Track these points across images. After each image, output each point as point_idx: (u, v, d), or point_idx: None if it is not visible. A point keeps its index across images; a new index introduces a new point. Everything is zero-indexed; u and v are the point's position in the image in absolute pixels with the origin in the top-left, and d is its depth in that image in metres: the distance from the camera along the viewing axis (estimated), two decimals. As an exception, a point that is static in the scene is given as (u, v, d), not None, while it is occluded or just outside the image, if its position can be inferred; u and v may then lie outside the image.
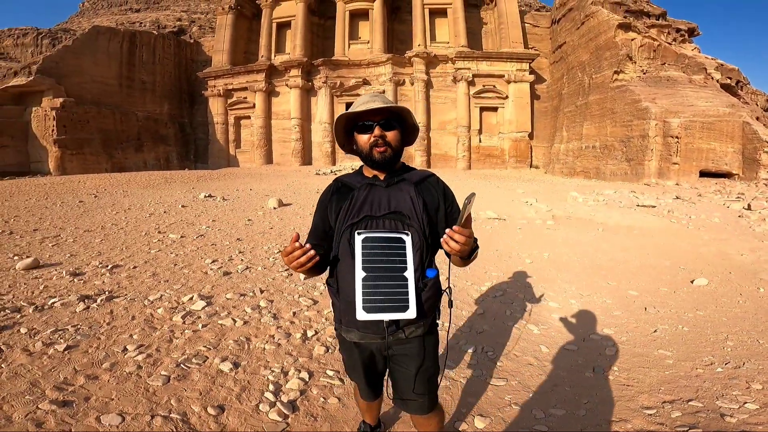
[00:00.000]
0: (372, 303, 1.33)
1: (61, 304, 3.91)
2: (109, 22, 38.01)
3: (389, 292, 1.34)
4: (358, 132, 1.54)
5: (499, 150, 28.71)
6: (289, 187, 16.65)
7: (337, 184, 1.61)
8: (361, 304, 1.32)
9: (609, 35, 22.96)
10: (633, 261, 6.30)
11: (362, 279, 1.33)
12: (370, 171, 1.57)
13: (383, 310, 1.33)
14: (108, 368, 2.74)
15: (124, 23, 38.14)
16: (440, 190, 1.58)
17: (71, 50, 26.58)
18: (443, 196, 1.57)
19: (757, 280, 5.34)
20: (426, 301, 1.43)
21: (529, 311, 4.29)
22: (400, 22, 32.76)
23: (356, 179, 1.57)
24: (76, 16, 47.39)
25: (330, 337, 3.46)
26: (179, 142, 33.02)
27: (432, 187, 1.56)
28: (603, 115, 22.82)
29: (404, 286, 1.35)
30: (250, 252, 6.35)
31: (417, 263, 1.40)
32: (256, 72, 30.56)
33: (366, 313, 1.32)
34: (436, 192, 1.56)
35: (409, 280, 1.35)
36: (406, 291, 1.34)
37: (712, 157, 19.05)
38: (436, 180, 1.60)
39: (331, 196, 1.58)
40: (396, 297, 1.34)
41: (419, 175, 1.58)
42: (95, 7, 47.55)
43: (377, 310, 1.33)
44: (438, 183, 1.60)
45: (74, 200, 12.47)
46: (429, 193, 1.53)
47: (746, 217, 10.26)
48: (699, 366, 3.10)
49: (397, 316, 1.34)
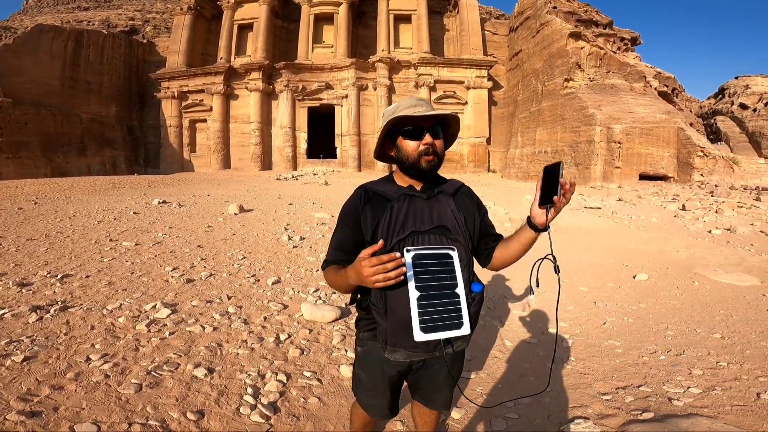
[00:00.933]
0: (428, 323, 1.28)
1: (11, 315, 3.66)
2: (54, 21, 35.79)
3: (443, 311, 1.31)
4: (405, 137, 1.45)
5: (458, 155, 29.48)
6: (250, 192, 16.26)
7: (367, 193, 1.50)
8: (418, 325, 1.27)
9: (561, 44, 24.25)
10: (582, 259, 6.76)
11: (417, 299, 1.28)
12: (405, 179, 1.50)
13: (440, 329, 1.30)
14: (73, 378, 2.63)
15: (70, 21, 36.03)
16: (474, 201, 1.57)
17: (11, 49, 25.06)
18: (477, 207, 1.57)
19: (692, 275, 5.91)
20: (474, 315, 1.41)
21: (492, 308, 4.52)
22: (364, 27, 32.99)
23: (391, 188, 1.48)
24: (18, 14, 44.20)
25: (303, 339, 3.49)
26: (128, 146, 31.27)
27: (467, 198, 1.55)
28: (554, 121, 24.07)
29: (457, 303, 1.33)
30: (212, 259, 6.19)
31: (466, 279, 1.38)
32: (215, 74, 29.64)
33: (424, 333, 1.28)
34: (471, 203, 1.55)
35: (461, 296, 1.33)
36: (460, 308, 1.33)
37: (650, 161, 20.65)
38: (468, 191, 1.59)
39: (363, 205, 1.46)
40: (451, 314, 1.31)
41: (453, 185, 1.54)
42: (40, 4, 44.48)
43: (434, 330, 1.29)
44: (471, 193, 1.59)
45: (12, 207, 11.51)
46: (465, 205, 1.52)
47: (681, 217, 11.27)
48: (645, 354, 3.42)
49: (454, 333, 1.32)
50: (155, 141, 31.82)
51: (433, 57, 29.18)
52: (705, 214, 11.54)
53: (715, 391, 2.74)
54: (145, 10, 40.77)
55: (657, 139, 20.56)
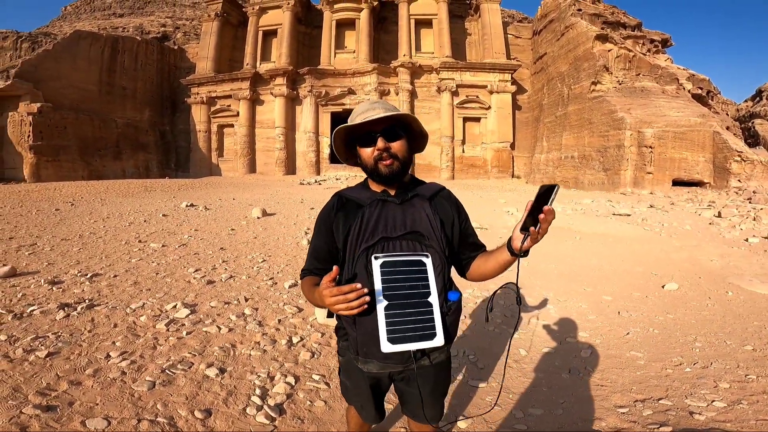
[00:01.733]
0: (397, 333, 1.22)
1: (40, 312, 3.85)
2: (91, 27, 37.33)
3: (414, 320, 1.23)
4: (360, 145, 1.41)
5: (482, 160, 29.12)
6: (273, 196, 16.57)
7: (341, 199, 1.46)
8: (385, 336, 1.21)
9: (587, 46, 23.65)
10: (608, 267, 6.53)
11: (384, 308, 1.22)
12: (378, 185, 1.45)
13: (410, 339, 1.22)
14: (91, 374, 2.73)
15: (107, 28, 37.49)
16: (453, 205, 1.49)
17: (51, 55, 25.95)
18: (457, 211, 1.48)
19: (725, 285, 5.61)
20: (451, 325, 1.34)
21: (509, 316, 4.42)
22: (386, 32, 33.18)
23: (363, 194, 1.43)
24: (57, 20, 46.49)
25: (315, 343, 3.51)
26: (160, 150, 32.38)
27: (446, 202, 1.47)
28: (581, 126, 23.47)
29: (429, 312, 1.25)
30: (234, 261, 6.33)
31: (440, 287, 1.30)
32: (241, 80, 30.42)
33: (391, 344, 1.21)
34: (450, 208, 1.47)
35: (434, 305, 1.26)
36: (432, 318, 1.25)
37: (684, 167, 19.78)
38: (448, 194, 1.52)
39: (336, 212, 1.43)
40: (422, 325, 1.24)
41: (431, 189, 1.48)
42: (78, 11, 46.78)
43: (403, 341, 1.22)
44: (451, 197, 1.51)
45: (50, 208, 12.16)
46: (444, 209, 1.44)
47: (716, 225, 10.73)
48: (668, 366, 3.26)
49: (425, 345, 1.24)
50: (185, 145, 32.90)
51: (455, 61, 29.01)
52: (742, 221, 10.94)
53: (740, 404, 2.58)
54: (175, 17, 42.40)
55: (691, 144, 19.70)
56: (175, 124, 34.17)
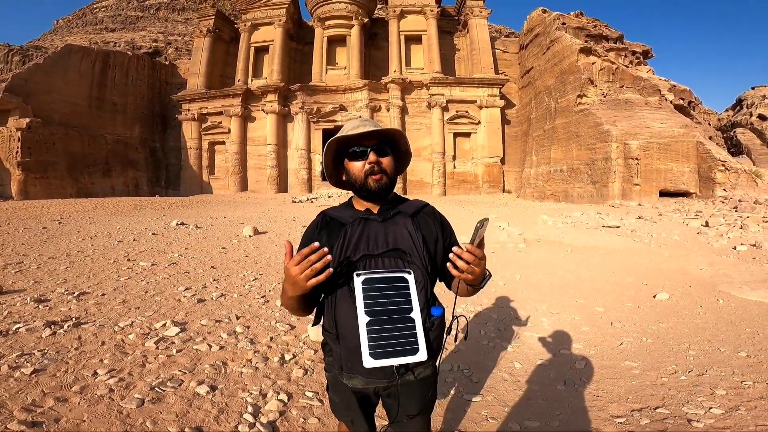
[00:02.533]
0: (379, 348, 1.23)
1: (26, 329, 3.79)
2: (82, 41, 37.31)
3: (397, 336, 1.25)
4: (350, 159, 1.43)
5: (472, 175, 29.33)
6: (265, 215, 16.49)
7: (324, 218, 1.47)
8: (367, 351, 1.22)
9: (572, 59, 24.18)
10: (599, 279, 6.58)
11: (366, 324, 1.23)
12: (362, 203, 1.46)
13: (392, 354, 1.23)
14: (78, 391, 2.68)
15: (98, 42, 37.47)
16: (437, 221, 1.49)
17: (42, 68, 25.78)
18: (441, 227, 1.48)
19: (716, 293, 5.67)
20: (434, 340, 1.36)
21: (503, 330, 4.41)
22: (376, 48, 33.69)
23: (347, 213, 1.45)
24: (49, 34, 46.38)
25: (308, 360, 3.46)
26: (150, 167, 32.07)
27: (429, 219, 1.48)
28: (569, 139, 23.84)
29: (412, 327, 1.26)
30: (225, 279, 6.26)
31: (423, 303, 1.31)
32: (232, 96, 30.47)
33: (373, 359, 1.22)
34: (433, 224, 1.47)
35: (417, 320, 1.27)
36: (415, 333, 1.26)
37: (670, 178, 20.16)
38: (432, 211, 1.52)
39: (320, 231, 1.44)
40: (404, 340, 1.25)
41: (414, 206, 1.48)
42: (69, 25, 46.76)
43: (386, 356, 1.23)
44: (434, 214, 1.52)
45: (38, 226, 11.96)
46: (426, 226, 1.44)
47: (704, 234, 10.89)
48: (664, 375, 3.27)
49: (408, 360, 1.25)
50: (176, 163, 32.60)
51: (445, 77, 29.46)
52: (729, 230, 11.14)
53: (739, 411, 2.59)
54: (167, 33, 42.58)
55: (676, 154, 20.12)
56: (166, 140, 33.94)
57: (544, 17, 27.84)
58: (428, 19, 30.69)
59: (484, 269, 1.28)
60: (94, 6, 48.45)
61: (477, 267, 1.22)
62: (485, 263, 1.26)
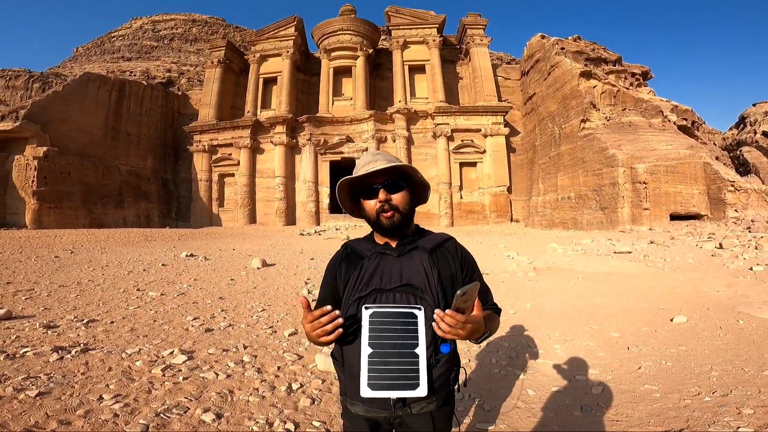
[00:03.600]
0: (378, 380, 1.25)
1: (33, 353, 3.81)
2: (100, 69, 38.06)
3: (398, 369, 1.26)
4: (363, 197, 1.46)
5: (480, 205, 29.08)
6: (273, 247, 16.52)
7: (346, 249, 1.52)
8: (366, 381, 1.25)
9: (573, 84, 24.35)
10: (613, 305, 6.43)
11: (368, 356, 1.26)
12: (382, 237, 1.48)
13: (390, 387, 1.25)
14: (82, 415, 2.67)
15: (115, 71, 38.17)
16: (458, 256, 1.48)
17: (60, 96, 26.17)
18: (461, 263, 1.47)
19: (735, 314, 5.52)
20: (438, 377, 1.35)
21: (515, 358, 4.31)
22: (381, 78, 34.53)
23: (367, 246, 1.48)
24: (69, 61, 47.73)
25: (316, 389, 3.40)
26: (161, 199, 32.33)
27: (449, 254, 1.47)
28: (575, 165, 23.78)
29: (414, 363, 1.27)
30: (233, 310, 6.23)
31: (430, 339, 1.31)
32: (242, 128, 31.06)
33: (371, 390, 1.25)
34: (452, 259, 1.46)
35: (421, 356, 1.27)
36: (417, 368, 1.27)
37: (680, 200, 19.90)
38: (454, 245, 1.50)
39: (340, 263, 1.48)
40: (405, 374, 1.26)
41: (435, 240, 1.48)
42: (88, 53, 48.19)
43: (384, 388, 1.25)
44: (456, 249, 1.50)
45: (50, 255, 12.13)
46: (445, 261, 1.44)
47: (719, 256, 10.67)
48: (686, 397, 3.15)
49: (406, 394, 1.26)
50: (187, 195, 32.87)
51: (449, 106, 29.86)
52: (744, 251, 10.91)
53: (769, 434, 2.46)
54: (180, 63, 43.80)
55: (684, 177, 19.95)
56: (177, 172, 34.40)
57: (543, 43, 28.32)
58: (431, 48, 31.52)
59: (473, 331, 1.27)
60: (112, 35, 50.25)
61: (461, 330, 1.22)
62: (472, 327, 1.25)
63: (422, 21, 32.13)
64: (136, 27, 50.11)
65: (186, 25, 50.13)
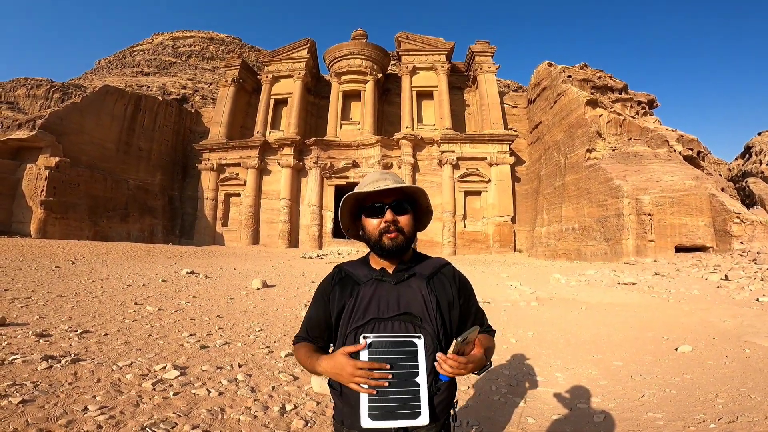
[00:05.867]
0: (379, 410, 1.22)
1: (22, 361, 3.77)
2: (119, 83, 38.90)
3: (399, 399, 1.23)
4: (366, 215, 1.42)
5: (483, 235, 28.80)
6: (275, 268, 16.46)
7: (340, 273, 1.47)
8: (366, 411, 1.22)
9: (579, 112, 24.41)
10: (616, 335, 6.32)
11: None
12: (378, 261, 1.44)
13: (392, 417, 1.22)
14: (64, 425, 2.61)
15: (132, 85, 38.95)
16: (455, 283, 1.45)
17: (78, 107, 26.58)
18: (458, 289, 1.45)
19: (741, 343, 5.40)
20: (439, 404, 1.32)
21: (515, 386, 4.21)
22: (389, 103, 35.02)
23: (362, 271, 1.43)
24: (90, 73, 48.92)
25: (310, 411, 3.33)
26: (167, 216, 32.41)
27: (446, 280, 1.44)
28: (579, 196, 23.64)
29: (416, 392, 1.24)
30: (230, 328, 6.17)
31: (430, 367, 1.28)
32: (251, 148, 31.34)
33: (372, 420, 1.22)
34: (450, 286, 1.43)
35: (422, 385, 1.25)
36: (418, 397, 1.24)
37: (685, 232, 19.69)
38: (451, 271, 1.47)
39: (334, 286, 1.44)
40: (407, 404, 1.24)
41: (432, 266, 1.45)
42: (109, 66, 49.36)
43: (385, 417, 1.22)
44: (454, 275, 1.47)
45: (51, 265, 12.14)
46: (443, 288, 1.41)
47: (725, 287, 10.52)
48: (691, 424, 3.06)
49: (408, 423, 1.23)
50: (192, 213, 32.91)
51: (455, 133, 30.02)
52: (750, 282, 10.75)
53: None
54: (195, 80, 44.76)
55: (689, 208, 19.82)
56: (184, 189, 34.61)
57: (550, 71, 28.63)
58: (439, 75, 32.02)
59: (474, 369, 1.29)
60: (134, 49, 51.66)
61: (463, 370, 1.24)
62: (473, 366, 1.27)
63: (432, 47, 32.73)
64: (157, 42, 51.65)
65: (204, 43, 51.64)
